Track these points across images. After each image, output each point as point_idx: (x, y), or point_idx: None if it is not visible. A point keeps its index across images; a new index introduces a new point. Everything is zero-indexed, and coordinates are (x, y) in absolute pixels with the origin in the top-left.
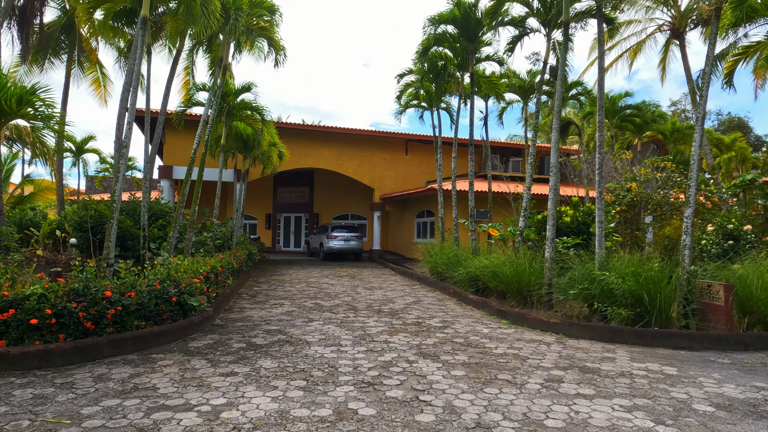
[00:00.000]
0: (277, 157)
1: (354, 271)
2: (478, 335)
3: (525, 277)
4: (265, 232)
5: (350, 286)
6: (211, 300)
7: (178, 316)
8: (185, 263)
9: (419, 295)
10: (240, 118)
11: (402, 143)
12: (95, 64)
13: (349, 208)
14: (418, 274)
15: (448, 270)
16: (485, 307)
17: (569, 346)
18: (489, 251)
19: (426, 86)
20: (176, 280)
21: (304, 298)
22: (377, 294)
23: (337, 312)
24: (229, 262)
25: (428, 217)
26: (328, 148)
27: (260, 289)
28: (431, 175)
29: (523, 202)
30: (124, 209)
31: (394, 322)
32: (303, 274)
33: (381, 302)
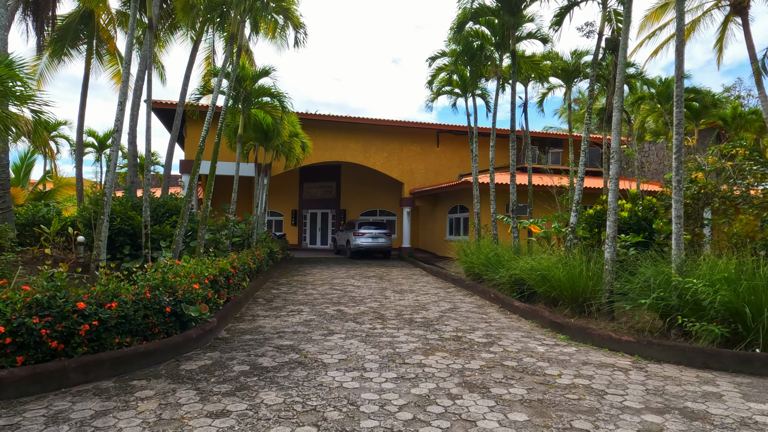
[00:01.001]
0: (300, 148)
1: (382, 271)
2: (533, 356)
3: (581, 281)
4: (290, 228)
5: (378, 288)
6: (219, 307)
7: (174, 329)
8: (188, 265)
9: (455, 300)
10: (259, 106)
11: (433, 134)
12: (115, 55)
13: (378, 203)
14: (452, 275)
15: (487, 271)
16: (535, 317)
17: (653, 373)
18: (530, 250)
19: (460, 70)
20: (172, 287)
21: (326, 303)
22: (408, 299)
23: (362, 322)
24: (244, 263)
25: (461, 212)
26: (355, 141)
27: (279, 293)
28: (464, 168)
29: (575, 194)
30: (138, 204)
31: (428, 336)
32: (327, 275)
33: (412, 309)
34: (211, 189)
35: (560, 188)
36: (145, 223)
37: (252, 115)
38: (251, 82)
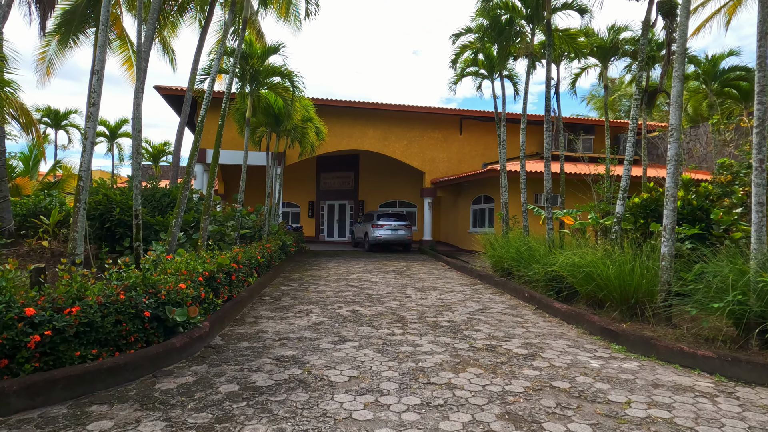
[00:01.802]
0: (314, 134)
1: (402, 265)
2: (587, 374)
3: (633, 280)
4: (307, 220)
5: (397, 285)
6: (216, 308)
7: (157, 336)
8: (180, 260)
9: (484, 298)
10: (268, 87)
11: (455, 121)
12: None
13: (397, 194)
14: (478, 271)
15: (518, 267)
16: (580, 321)
17: (748, 401)
18: (562, 243)
19: (487, 48)
20: (154, 286)
21: (339, 302)
22: (431, 297)
23: (380, 325)
24: (251, 257)
25: (486, 203)
26: (373, 128)
27: (288, 289)
28: (488, 156)
29: (622, 181)
30: (144, 194)
31: (457, 345)
32: (343, 269)
33: (436, 310)
34: (214, 176)
35: (596, 176)
36: (136, 212)
37: (262, 98)
38: (259, 61)
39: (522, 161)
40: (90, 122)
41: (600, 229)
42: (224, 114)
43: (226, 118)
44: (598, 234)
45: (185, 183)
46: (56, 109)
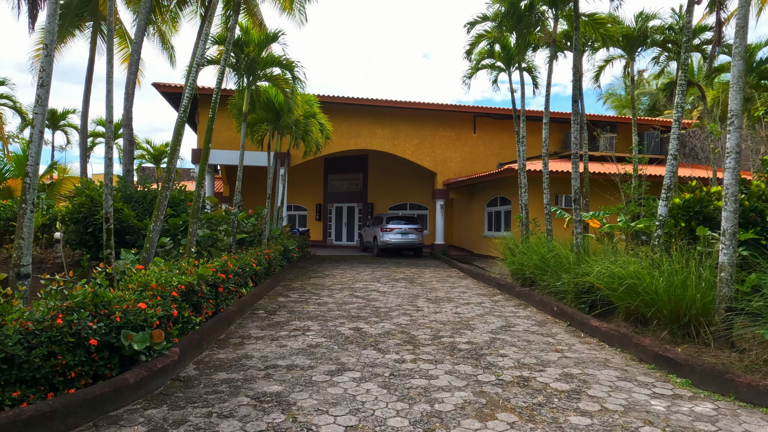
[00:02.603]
0: (318, 131)
1: (413, 272)
2: (653, 422)
3: (687, 293)
4: (315, 223)
5: (408, 296)
6: (195, 327)
7: (110, 368)
8: (151, 272)
9: (506, 312)
10: (267, 79)
11: (469, 119)
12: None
13: (408, 196)
14: (496, 279)
15: (543, 276)
16: (625, 343)
17: None
18: (586, 249)
19: (504, 38)
20: (107, 306)
21: (341, 317)
22: (446, 310)
23: (386, 348)
24: (245, 264)
25: (502, 205)
26: (382, 127)
27: (286, 301)
28: (503, 156)
29: (665, 178)
30: (134, 196)
31: (481, 376)
32: (349, 277)
33: (453, 327)
34: (203, 175)
35: (624, 176)
36: (107, 215)
37: (262, 92)
38: (257, 50)
39: (544, 158)
40: (39, 107)
41: (631, 233)
42: (215, 106)
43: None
44: (628, 239)
45: (166, 182)
46: (53, 109)
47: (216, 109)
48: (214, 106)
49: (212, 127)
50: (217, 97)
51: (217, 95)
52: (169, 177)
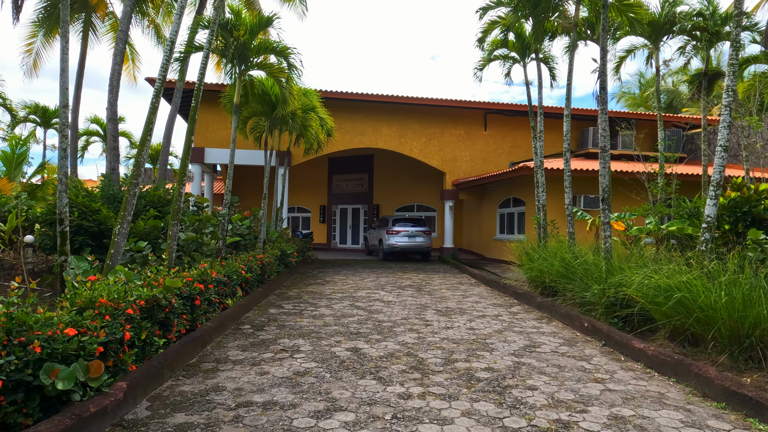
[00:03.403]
0: (318, 126)
1: (421, 278)
2: None
3: (752, 310)
4: (319, 226)
5: (415, 306)
6: (157, 351)
7: (28, 414)
8: (103, 285)
9: (527, 328)
10: (261, 68)
11: (479, 116)
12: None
13: (415, 197)
14: (513, 287)
15: (567, 284)
16: (682, 372)
17: None
18: (606, 253)
19: (519, 27)
20: (24, 333)
21: (338, 334)
22: (458, 325)
23: (389, 378)
24: (233, 271)
25: (515, 206)
26: (388, 125)
27: (278, 313)
28: (516, 155)
29: (714, 173)
30: (117, 196)
31: (507, 421)
32: (351, 283)
33: (468, 348)
34: (185, 171)
35: (650, 174)
36: (61, 216)
37: (257, 84)
38: (248, 35)
39: (566, 154)
40: None
41: (662, 236)
42: (198, 94)
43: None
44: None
45: (134, 177)
46: (45, 106)
47: (199, 97)
48: (197, 93)
49: (195, 117)
50: (200, 84)
51: (201, 81)
52: (138, 171)
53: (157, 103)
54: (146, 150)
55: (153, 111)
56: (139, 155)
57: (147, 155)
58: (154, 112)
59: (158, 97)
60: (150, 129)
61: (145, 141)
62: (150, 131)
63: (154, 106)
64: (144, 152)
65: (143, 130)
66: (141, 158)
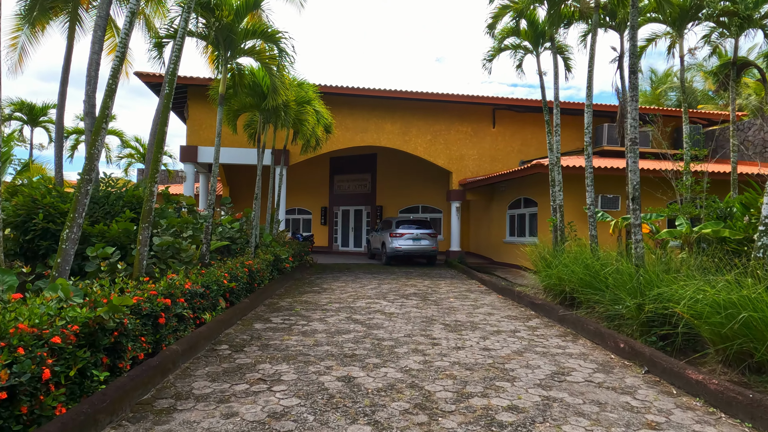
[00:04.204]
0: (314, 120)
1: (426, 285)
2: None
3: None
4: (320, 228)
5: (420, 320)
6: (88, 393)
7: None
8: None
9: (551, 346)
10: (248, 54)
11: (488, 112)
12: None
13: (420, 198)
14: (529, 296)
15: (594, 294)
16: (757, 415)
17: None
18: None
19: (532, 14)
20: None
21: (330, 357)
22: (471, 344)
23: (388, 422)
24: (214, 281)
25: (526, 207)
26: (392, 121)
27: (264, 329)
28: (527, 153)
29: None
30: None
31: None
32: (351, 292)
33: (484, 376)
34: (158, 166)
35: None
36: None
37: (247, 75)
38: (234, 18)
39: (587, 149)
40: None
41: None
42: (172, 79)
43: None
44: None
45: (85, 173)
46: (31, 104)
47: (173, 83)
48: (171, 79)
49: (169, 105)
50: (174, 67)
51: (175, 65)
52: (91, 166)
53: (114, 85)
54: (101, 141)
55: (110, 94)
56: (93, 146)
57: (102, 146)
58: (111, 95)
59: (115, 77)
60: (106, 114)
61: (99, 130)
62: (105, 117)
63: (111, 88)
64: (99, 143)
65: (98, 116)
66: (95, 150)
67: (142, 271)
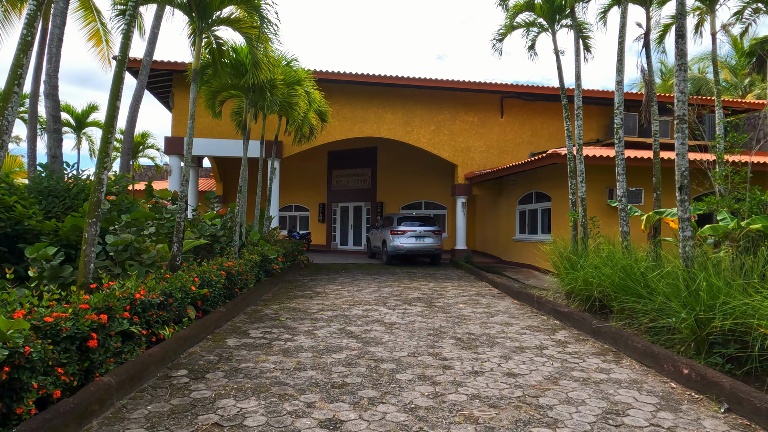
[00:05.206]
0: (305, 103)
1: (431, 287)
2: None
3: None
4: (318, 226)
5: (427, 333)
6: None
7: None
8: None
9: (591, 371)
10: (226, 23)
11: (495, 101)
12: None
13: (423, 193)
14: (550, 301)
15: (635, 302)
16: None
17: None
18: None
19: None
20: None
21: (313, 386)
22: (491, 367)
23: None
24: (179, 287)
25: (538, 202)
26: (393, 111)
27: (238, 344)
28: (537, 144)
29: None
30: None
31: None
32: (347, 296)
33: (515, 419)
34: (107, 149)
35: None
36: None
37: (227, 51)
38: None
39: (618, 132)
40: None
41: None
42: (127, 43)
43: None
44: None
45: None
46: None
47: (127, 47)
48: (124, 42)
49: (122, 75)
50: (128, 28)
51: (129, 25)
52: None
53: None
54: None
55: (24, 48)
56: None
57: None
58: (25, 49)
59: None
60: (18, 75)
61: (9, 96)
62: (18, 78)
63: (25, 41)
64: (10, 110)
65: (7, 80)
66: (3, 120)
67: (89, 276)
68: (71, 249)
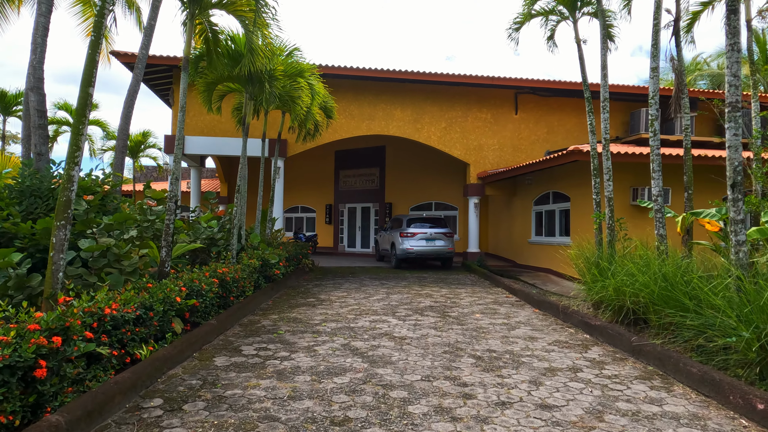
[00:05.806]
0: (308, 96)
1: (444, 294)
2: None
3: None
4: (325, 227)
5: (442, 349)
6: None
7: None
8: None
9: (641, 402)
10: (220, 6)
11: (509, 96)
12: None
13: (434, 194)
14: (578, 312)
15: (681, 316)
16: None
17: None
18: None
19: None
20: None
21: (308, 423)
22: (520, 395)
23: None
24: (161, 299)
25: (556, 202)
26: (402, 107)
27: (226, 365)
28: (553, 142)
29: None
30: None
31: None
32: (352, 305)
33: None
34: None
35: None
36: None
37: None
38: None
39: (653, 124)
40: None
41: None
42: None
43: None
44: None
45: None
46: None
47: (101, 26)
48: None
49: (96, 58)
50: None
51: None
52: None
53: None
54: None
55: None
56: None
57: (77, 132)
58: None
59: None
60: None
61: None
62: None
63: None
64: None
65: None
66: None
67: (57, 286)
68: (47, 254)
